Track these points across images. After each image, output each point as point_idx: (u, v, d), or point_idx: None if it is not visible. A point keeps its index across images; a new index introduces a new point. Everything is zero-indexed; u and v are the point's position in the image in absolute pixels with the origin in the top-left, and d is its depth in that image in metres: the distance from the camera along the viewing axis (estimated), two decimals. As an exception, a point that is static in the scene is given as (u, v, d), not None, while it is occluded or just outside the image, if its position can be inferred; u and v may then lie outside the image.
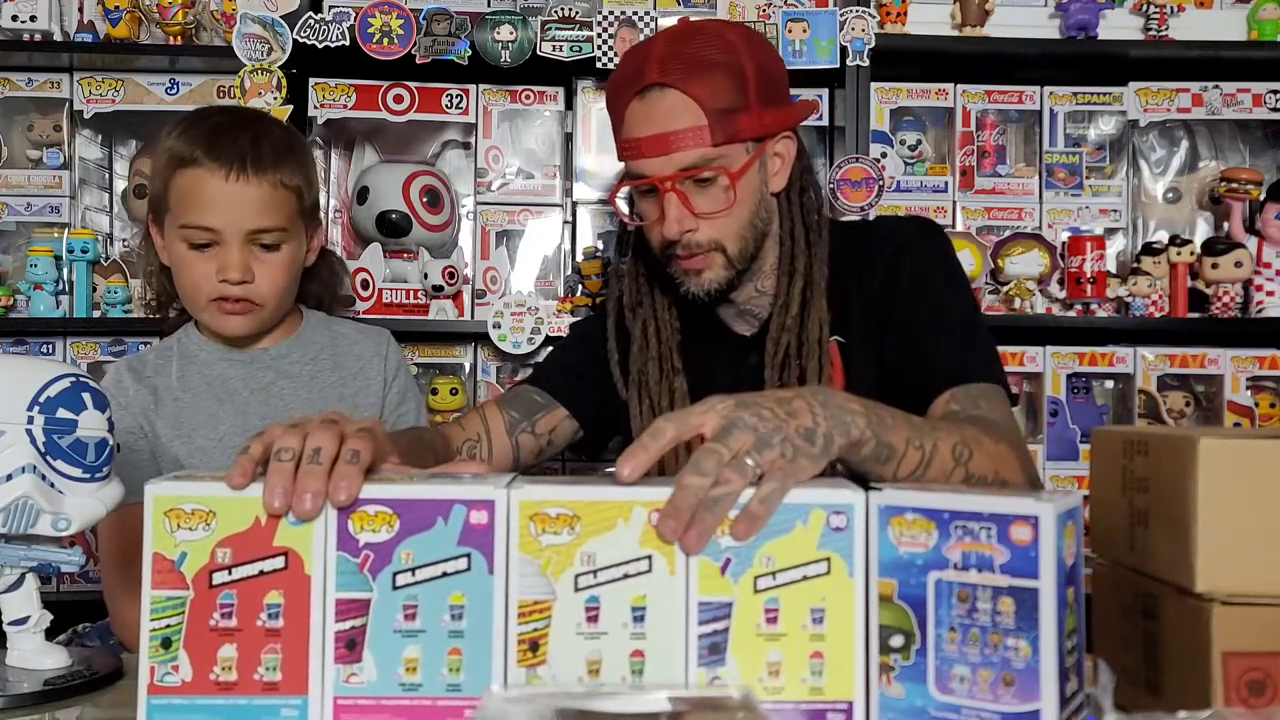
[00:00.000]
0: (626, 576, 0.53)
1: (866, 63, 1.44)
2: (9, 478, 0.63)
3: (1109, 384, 1.57)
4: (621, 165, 0.94)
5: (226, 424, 1.00)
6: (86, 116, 1.54)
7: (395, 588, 0.53)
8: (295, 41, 1.39)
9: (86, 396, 0.66)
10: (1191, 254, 1.49)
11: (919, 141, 1.59)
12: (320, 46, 1.40)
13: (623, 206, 0.98)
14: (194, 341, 1.03)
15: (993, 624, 0.51)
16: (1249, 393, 1.51)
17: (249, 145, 0.95)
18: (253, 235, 0.95)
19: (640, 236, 0.97)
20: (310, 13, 1.41)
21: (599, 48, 1.41)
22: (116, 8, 1.46)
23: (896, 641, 0.52)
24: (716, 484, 0.53)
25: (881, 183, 1.46)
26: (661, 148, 0.86)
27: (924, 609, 0.52)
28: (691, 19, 1.41)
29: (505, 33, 1.40)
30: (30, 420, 0.64)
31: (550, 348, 1.17)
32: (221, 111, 1.13)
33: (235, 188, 0.94)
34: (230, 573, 0.53)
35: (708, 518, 0.52)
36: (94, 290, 1.49)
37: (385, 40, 1.40)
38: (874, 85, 1.49)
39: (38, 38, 1.48)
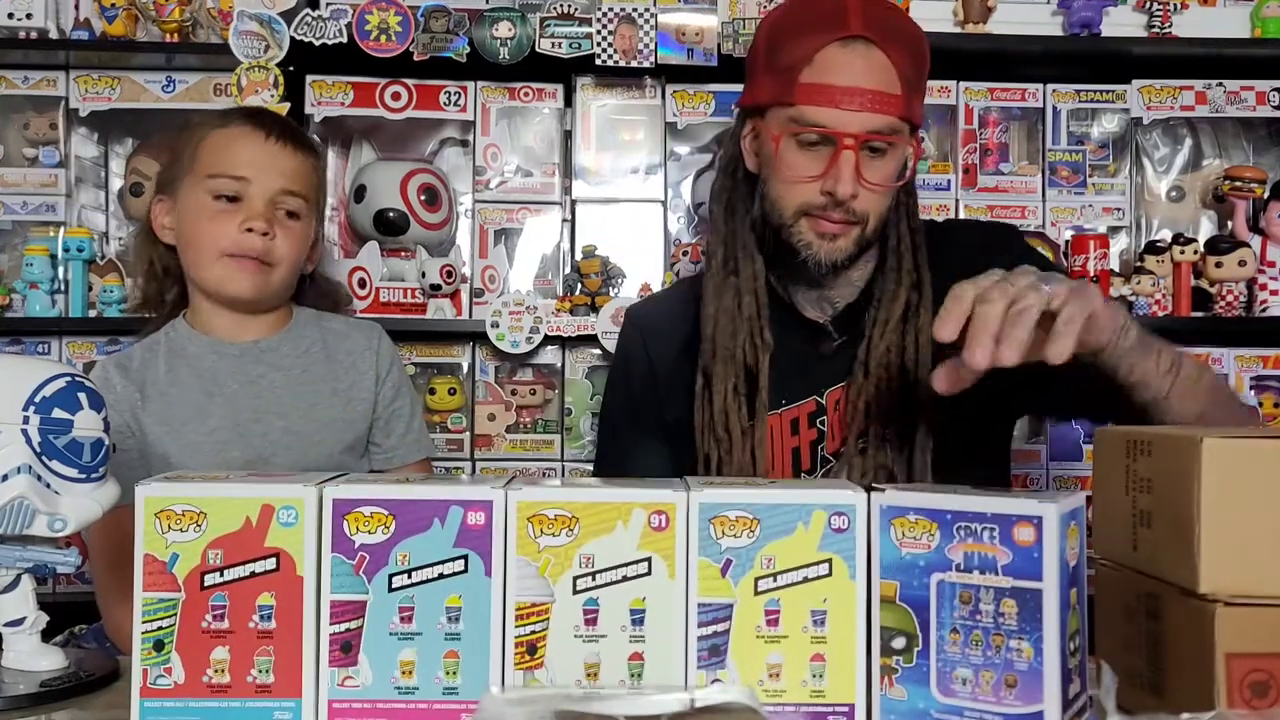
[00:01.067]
0: (625, 579, 0.53)
1: (867, 60, 1.43)
2: (4, 478, 0.63)
3: (1111, 383, 1.56)
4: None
5: (216, 417, 0.99)
6: (82, 114, 1.54)
7: (391, 590, 0.53)
8: (292, 39, 1.39)
9: (82, 396, 0.65)
10: (1195, 253, 1.49)
11: (921, 139, 1.58)
12: (317, 44, 1.40)
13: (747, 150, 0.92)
14: (183, 335, 1.02)
15: (995, 625, 0.51)
16: (1253, 392, 1.50)
17: (285, 123, 1.03)
18: (280, 198, 0.98)
19: (745, 195, 0.93)
20: (307, 10, 1.41)
21: (598, 44, 1.40)
22: (113, 5, 1.45)
23: (898, 643, 0.52)
24: (1017, 300, 0.60)
25: (882, 181, 1.45)
26: (859, 103, 0.83)
27: (926, 610, 0.52)
28: (690, 21, 1.41)
29: (504, 29, 1.39)
30: (26, 420, 0.63)
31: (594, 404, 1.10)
32: (244, 106, 1.19)
33: (272, 147, 0.98)
34: (222, 574, 0.53)
35: (1016, 331, 0.59)
36: (90, 289, 1.49)
37: (383, 37, 1.39)
38: (875, 83, 1.48)
39: (33, 35, 1.47)
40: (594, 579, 0.53)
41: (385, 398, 1.05)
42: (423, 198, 1.47)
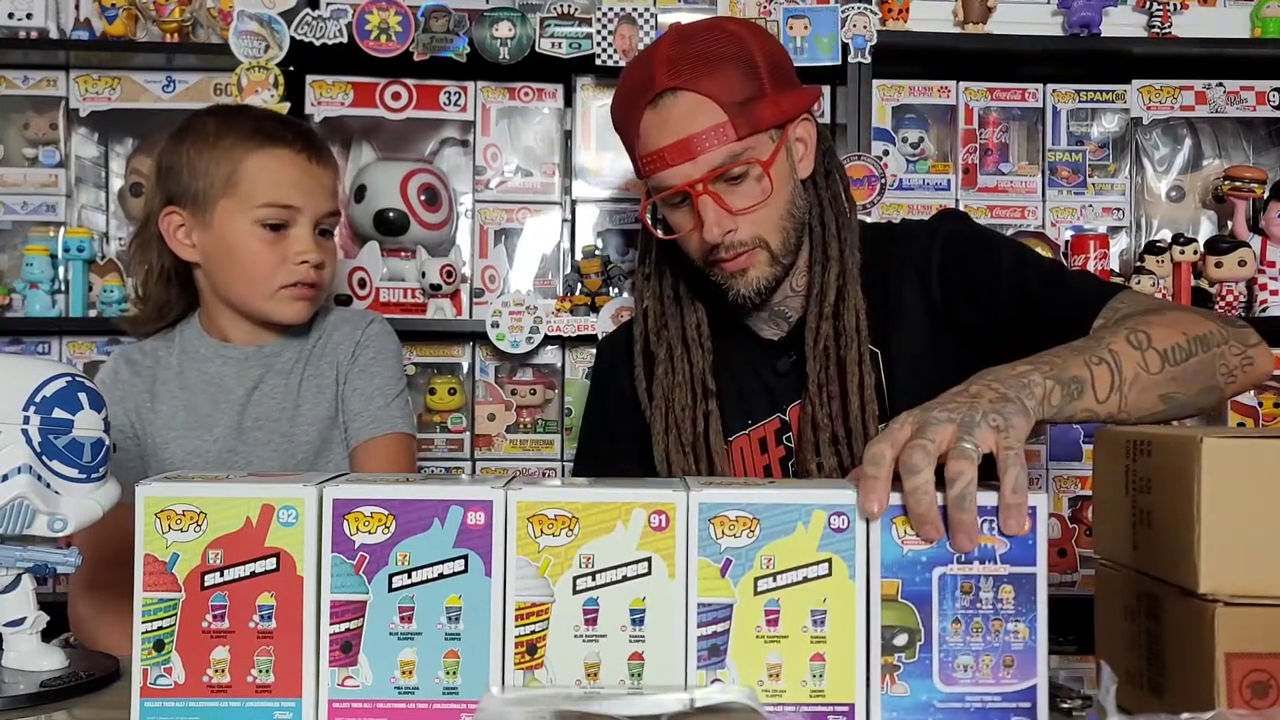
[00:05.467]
0: (625, 579, 0.53)
1: (868, 60, 1.43)
2: (5, 478, 0.63)
3: (1111, 383, 1.56)
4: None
5: (221, 425, 0.99)
6: (83, 115, 1.54)
7: (391, 589, 0.53)
8: (292, 39, 1.39)
9: (83, 396, 0.65)
10: (1195, 253, 1.49)
11: (921, 139, 1.58)
12: (318, 44, 1.40)
13: (649, 222, 0.94)
14: (193, 337, 1.01)
15: (994, 611, 0.53)
16: (1253, 392, 1.50)
17: (308, 133, 1.00)
18: (322, 220, 0.99)
19: (663, 254, 0.95)
20: (307, 10, 1.41)
21: (598, 44, 1.40)
22: (113, 5, 1.45)
23: (900, 640, 0.53)
24: (950, 482, 0.53)
25: (883, 181, 1.45)
26: (686, 153, 0.84)
27: (929, 605, 0.53)
28: (689, 19, 1.41)
29: (504, 29, 1.39)
30: (26, 420, 0.63)
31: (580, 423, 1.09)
32: (247, 107, 1.17)
33: (314, 170, 0.98)
34: (222, 574, 0.53)
35: (963, 517, 0.52)
36: (90, 289, 1.49)
37: (383, 37, 1.39)
38: (876, 82, 1.49)
39: (34, 35, 1.47)
40: (594, 579, 0.53)
41: (351, 376, 1.01)
42: (423, 198, 1.47)
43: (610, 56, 1.40)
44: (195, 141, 0.97)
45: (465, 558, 0.53)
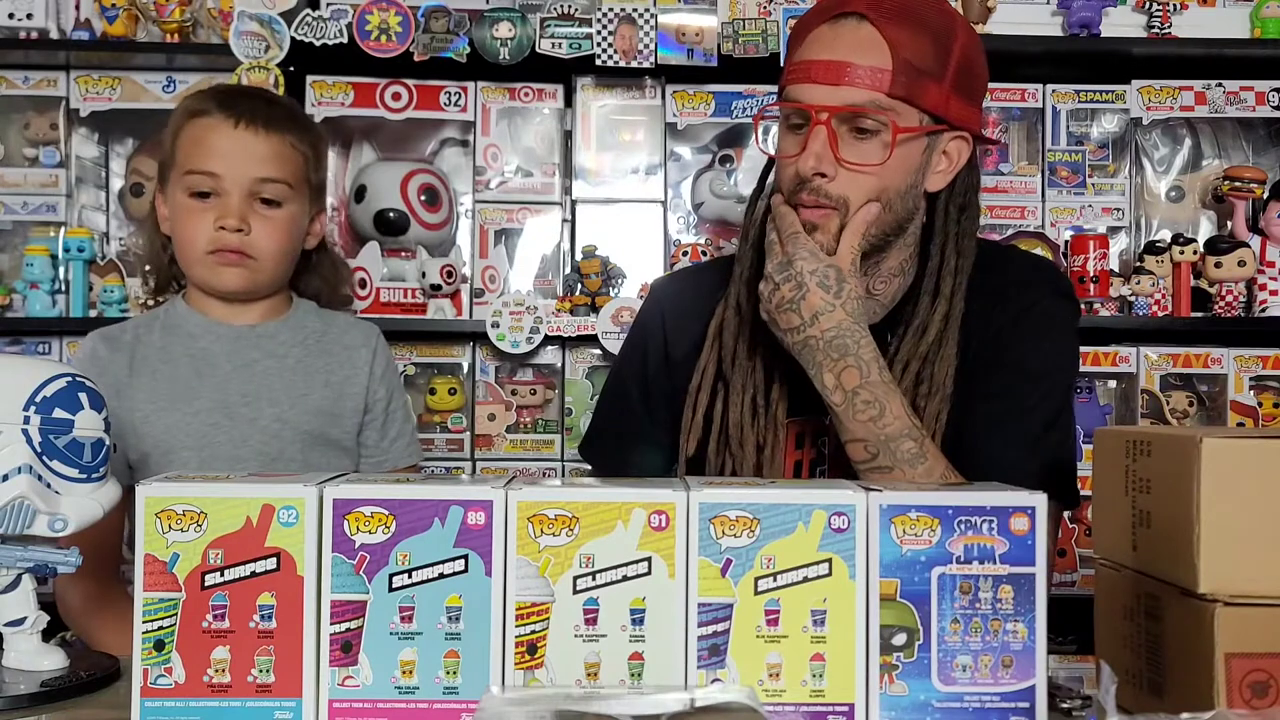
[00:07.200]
0: (625, 579, 0.53)
1: (867, 60, 1.43)
2: (5, 478, 0.63)
3: (1112, 384, 1.56)
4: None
5: (205, 398, 0.98)
6: (83, 115, 1.54)
7: (391, 589, 0.53)
8: (293, 39, 1.39)
9: (83, 396, 0.66)
10: (1195, 253, 1.49)
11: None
12: (318, 44, 1.40)
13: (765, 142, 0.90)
14: (180, 312, 1.02)
15: (993, 611, 0.53)
16: (1252, 392, 1.50)
17: (262, 104, 0.99)
18: (255, 186, 0.96)
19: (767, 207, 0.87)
20: (308, 10, 1.41)
21: (598, 44, 1.40)
22: (113, 5, 1.46)
23: (899, 640, 0.53)
24: None
25: (882, 181, 1.45)
26: (833, 76, 0.77)
27: (927, 604, 0.53)
28: (690, 20, 1.42)
29: (504, 30, 1.39)
30: (26, 420, 0.64)
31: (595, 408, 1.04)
32: (238, 85, 1.19)
33: (243, 136, 0.95)
34: (222, 574, 0.53)
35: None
36: (90, 289, 1.49)
37: (383, 38, 1.39)
38: (875, 83, 1.49)
39: (34, 35, 1.47)
40: (594, 579, 0.53)
41: (378, 396, 1.04)
42: (423, 198, 1.47)
43: (610, 57, 1.40)
44: (170, 117, 1.02)
45: (465, 558, 0.53)
